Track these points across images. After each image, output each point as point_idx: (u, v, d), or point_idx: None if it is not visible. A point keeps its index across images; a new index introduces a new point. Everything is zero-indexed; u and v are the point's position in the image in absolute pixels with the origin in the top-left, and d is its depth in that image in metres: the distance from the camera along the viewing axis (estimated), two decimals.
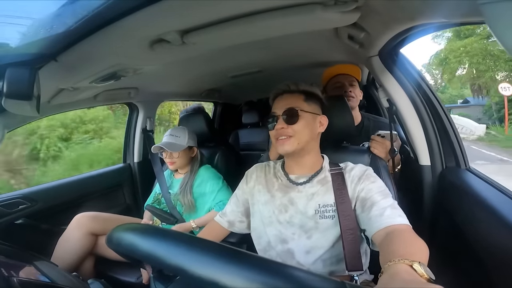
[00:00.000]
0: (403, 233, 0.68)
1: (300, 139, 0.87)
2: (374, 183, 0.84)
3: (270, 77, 1.76)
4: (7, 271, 0.59)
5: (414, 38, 0.87)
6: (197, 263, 0.37)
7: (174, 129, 1.55)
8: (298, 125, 0.87)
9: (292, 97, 0.91)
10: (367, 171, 0.88)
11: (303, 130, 0.87)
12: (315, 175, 0.91)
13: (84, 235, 1.33)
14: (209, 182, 1.48)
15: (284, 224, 0.88)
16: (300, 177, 0.92)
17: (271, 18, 0.74)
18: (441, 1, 0.56)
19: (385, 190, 0.82)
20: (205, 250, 0.39)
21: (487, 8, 0.35)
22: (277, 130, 0.88)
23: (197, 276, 0.36)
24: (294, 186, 0.91)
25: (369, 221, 0.76)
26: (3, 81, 0.64)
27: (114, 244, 0.48)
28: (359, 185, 0.84)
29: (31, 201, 1.41)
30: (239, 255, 0.38)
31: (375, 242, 0.73)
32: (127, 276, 1.32)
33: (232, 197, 1.06)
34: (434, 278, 0.48)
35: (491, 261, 0.73)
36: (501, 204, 0.74)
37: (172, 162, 1.50)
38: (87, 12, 0.58)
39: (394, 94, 1.10)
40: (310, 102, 0.91)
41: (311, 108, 0.90)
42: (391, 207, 0.75)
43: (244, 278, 0.34)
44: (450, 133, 1.07)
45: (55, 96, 1.14)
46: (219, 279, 0.35)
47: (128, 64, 1.01)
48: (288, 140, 0.87)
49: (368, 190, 0.82)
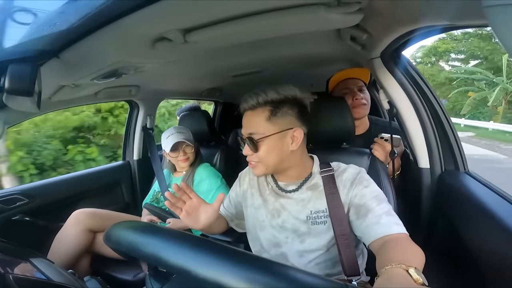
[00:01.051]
0: (399, 241, 0.67)
1: (267, 164, 0.82)
2: (368, 188, 0.80)
3: (271, 77, 1.76)
4: (2, 267, 0.59)
5: (416, 40, 0.86)
6: (195, 261, 0.37)
7: (174, 128, 1.55)
8: (260, 153, 0.81)
9: (253, 116, 0.82)
10: (360, 174, 0.83)
11: (267, 156, 0.81)
12: (304, 182, 0.87)
13: (82, 232, 1.33)
14: (208, 180, 1.49)
15: (277, 229, 0.87)
16: (288, 184, 0.88)
17: (273, 18, 0.73)
18: (445, 4, 0.56)
19: (380, 195, 0.79)
20: (203, 248, 0.39)
21: (491, 12, 0.35)
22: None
23: (194, 274, 0.36)
24: (283, 193, 0.88)
25: (364, 229, 0.74)
26: (5, 77, 0.64)
27: (112, 242, 0.49)
28: (351, 190, 0.80)
29: (29, 197, 1.41)
30: (238, 254, 0.38)
31: (371, 250, 0.73)
32: (123, 274, 1.32)
33: (225, 199, 1.05)
34: (427, 284, 0.49)
35: (488, 265, 0.73)
36: (499, 208, 0.74)
37: (187, 158, 1.50)
38: (90, 10, 0.58)
39: (395, 96, 1.10)
40: (277, 117, 0.80)
41: (277, 126, 0.80)
42: (387, 214, 0.73)
43: (243, 278, 0.34)
44: (450, 136, 1.07)
45: (56, 92, 1.14)
46: (217, 278, 0.35)
47: (129, 62, 1.01)
48: (256, 165, 0.84)
49: (361, 196, 0.79)
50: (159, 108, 2.45)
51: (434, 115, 1.08)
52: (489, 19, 0.36)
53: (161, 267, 0.58)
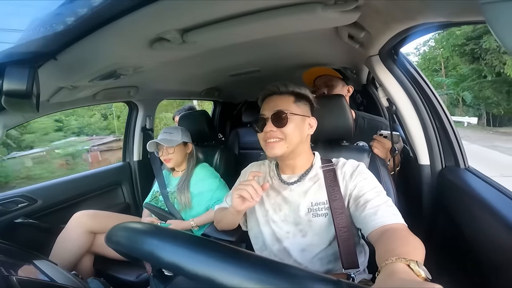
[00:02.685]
0: (398, 232, 0.68)
1: (289, 142, 0.86)
2: (366, 180, 0.83)
3: (269, 77, 1.76)
4: (6, 270, 0.59)
5: (414, 37, 0.87)
6: (197, 262, 0.37)
7: (168, 128, 1.55)
8: (287, 128, 0.85)
9: (281, 98, 0.89)
10: (359, 167, 0.87)
11: (293, 133, 0.86)
12: (306, 173, 0.91)
13: (83, 233, 1.33)
14: (206, 181, 1.49)
15: (279, 223, 0.88)
16: (291, 176, 0.92)
17: (271, 17, 0.73)
18: (442, 1, 0.56)
19: (378, 187, 0.82)
20: (205, 249, 0.39)
21: (488, 8, 0.35)
22: (266, 133, 0.87)
23: (196, 275, 0.36)
24: (285, 186, 0.91)
25: (363, 220, 0.76)
26: (3, 80, 0.64)
27: (113, 243, 0.49)
28: (351, 182, 0.84)
29: (30, 199, 1.41)
30: (238, 253, 0.38)
31: (370, 241, 0.73)
32: (126, 275, 1.33)
33: (228, 196, 1.06)
34: (430, 278, 0.48)
35: (489, 260, 0.74)
36: (500, 204, 0.74)
37: (168, 159, 1.49)
38: (86, 11, 0.58)
39: (394, 94, 1.10)
40: (300, 103, 0.90)
41: (301, 110, 0.89)
42: (385, 205, 0.75)
43: (243, 276, 0.34)
44: (449, 133, 1.07)
45: (54, 94, 1.14)
46: (219, 278, 0.35)
47: (127, 63, 1.01)
48: (277, 143, 0.86)
49: (360, 187, 0.82)
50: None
51: (433, 112, 1.08)
52: (486, 16, 0.36)
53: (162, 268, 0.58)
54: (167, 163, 1.51)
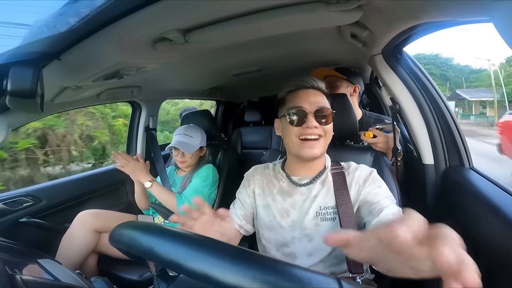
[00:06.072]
0: None
1: (326, 141, 0.85)
2: (381, 188, 0.82)
3: (271, 76, 1.76)
4: (11, 269, 0.60)
5: (417, 36, 0.86)
6: (201, 261, 0.37)
7: (187, 128, 1.55)
8: (329, 126, 0.84)
9: (319, 94, 0.87)
10: (373, 174, 0.85)
11: (330, 132, 0.85)
12: (318, 175, 0.88)
13: (88, 232, 1.34)
14: (206, 181, 1.49)
15: (286, 229, 0.86)
16: (303, 178, 0.89)
17: (273, 16, 0.73)
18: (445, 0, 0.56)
19: (391, 196, 0.81)
20: (209, 248, 0.39)
21: (493, 7, 0.35)
22: (307, 128, 0.81)
23: (200, 275, 0.36)
24: (297, 187, 0.88)
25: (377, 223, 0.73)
26: (7, 80, 0.65)
27: (117, 242, 0.49)
28: (364, 188, 0.82)
29: (35, 199, 1.43)
30: (240, 253, 0.38)
31: None
32: (130, 274, 1.33)
33: (236, 202, 0.99)
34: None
35: (494, 261, 0.73)
36: (505, 204, 0.73)
37: (183, 161, 1.51)
38: (90, 11, 0.58)
39: (397, 93, 1.09)
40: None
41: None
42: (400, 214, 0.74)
43: (243, 276, 0.34)
44: (454, 132, 1.06)
45: (58, 94, 1.15)
46: (222, 277, 0.35)
47: (130, 63, 1.01)
48: (317, 142, 0.82)
49: (374, 194, 0.80)
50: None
51: (437, 111, 1.07)
52: (491, 14, 0.36)
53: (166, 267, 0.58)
54: (181, 164, 1.53)
